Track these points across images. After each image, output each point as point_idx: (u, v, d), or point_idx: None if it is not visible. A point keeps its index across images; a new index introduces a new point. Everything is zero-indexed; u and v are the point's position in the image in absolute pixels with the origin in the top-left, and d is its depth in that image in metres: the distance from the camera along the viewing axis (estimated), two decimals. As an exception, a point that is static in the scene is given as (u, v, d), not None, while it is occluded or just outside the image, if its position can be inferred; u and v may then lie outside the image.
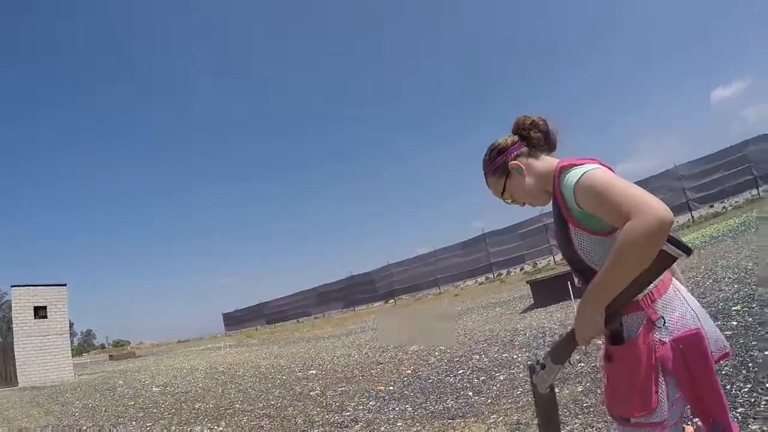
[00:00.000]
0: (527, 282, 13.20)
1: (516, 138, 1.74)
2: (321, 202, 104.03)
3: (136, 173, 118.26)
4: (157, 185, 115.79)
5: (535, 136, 1.71)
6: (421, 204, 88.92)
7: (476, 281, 30.57)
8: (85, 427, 7.69)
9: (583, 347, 1.51)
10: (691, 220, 21.79)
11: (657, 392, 1.39)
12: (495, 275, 29.69)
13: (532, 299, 12.63)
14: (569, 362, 1.59)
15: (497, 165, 1.74)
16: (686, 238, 15.26)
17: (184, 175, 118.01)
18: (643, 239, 1.23)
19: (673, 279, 1.55)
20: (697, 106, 71.06)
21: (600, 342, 1.62)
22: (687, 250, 1.31)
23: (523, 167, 1.69)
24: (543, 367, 1.58)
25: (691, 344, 1.40)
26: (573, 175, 1.46)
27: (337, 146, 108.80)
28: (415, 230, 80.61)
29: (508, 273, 29.26)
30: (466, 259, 31.71)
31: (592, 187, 1.38)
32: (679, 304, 1.47)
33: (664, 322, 1.42)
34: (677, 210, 22.97)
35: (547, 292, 12.01)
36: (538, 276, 16.54)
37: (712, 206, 22.44)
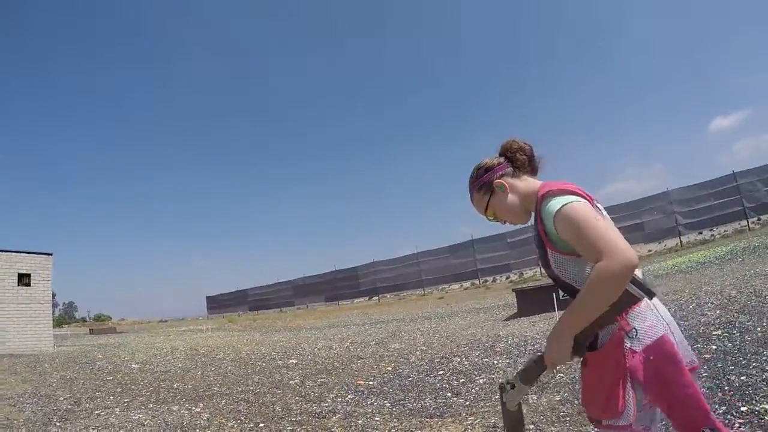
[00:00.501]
0: (513, 290, 13.30)
1: (502, 159, 1.86)
2: (310, 194, 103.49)
3: (136, 146, 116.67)
4: (154, 161, 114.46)
5: (520, 159, 1.83)
6: (410, 204, 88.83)
7: (461, 286, 30.73)
8: (62, 398, 7.70)
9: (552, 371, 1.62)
10: (680, 244, 22.03)
11: (624, 397, 1.47)
12: (481, 281, 29.84)
13: (516, 307, 12.73)
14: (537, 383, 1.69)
15: (483, 182, 1.86)
16: (672, 262, 15.46)
17: (179, 154, 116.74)
18: (611, 280, 1.38)
19: None
20: (695, 133, 71.39)
21: None
22: (649, 294, 1.50)
23: (507, 186, 1.80)
24: (513, 386, 1.67)
25: (660, 350, 1.48)
26: (554, 205, 1.56)
27: (337, 138, 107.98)
28: (401, 230, 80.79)
29: (494, 280, 29.42)
30: (452, 262, 31.85)
31: (570, 220, 1.50)
32: (651, 315, 1.55)
33: (636, 333, 1.50)
34: (666, 234, 23.23)
35: (531, 301, 12.12)
36: (524, 285, 16.66)
37: (701, 233, 22.72)
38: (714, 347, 5.21)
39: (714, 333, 5.82)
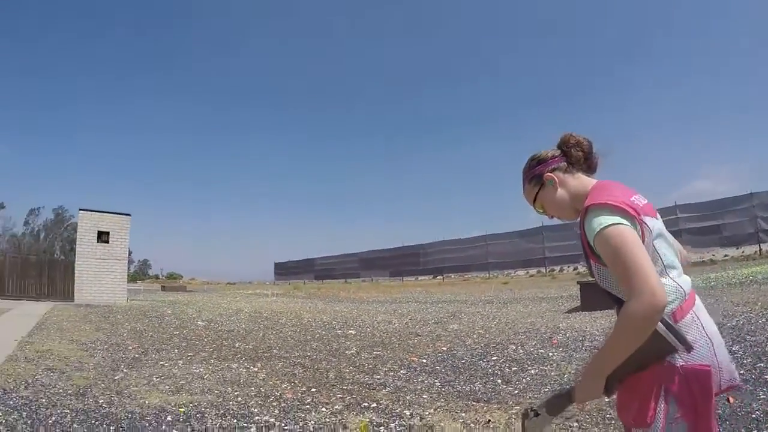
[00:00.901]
0: (578, 282, 12.99)
1: (558, 152, 1.81)
2: (387, 174, 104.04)
3: (228, 110, 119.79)
4: (240, 128, 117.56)
5: (575, 154, 1.78)
6: (485, 186, 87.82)
7: (527, 272, 30.31)
8: (130, 347, 8.18)
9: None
10: (759, 252, 20.73)
11: (654, 409, 1.46)
12: (547, 270, 29.33)
13: (579, 300, 12.46)
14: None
15: (534, 174, 1.82)
16: (749, 271, 14.64)
17: (262, 123, 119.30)
18: (639, 321, 1.35)
19: (695, 303, 1.59)
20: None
21: None
22: (687, 346, 1.45)
23: (557, 181, 1.77)
24: (536, 414, 1.64)
25: (698, 379, 1.45)
26: (597, 223, 1.51)
27: (429, 117, 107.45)
28: (472, 212, 79.98)
29: (561, 270, 28.88)
30: (521, 248, 31.42)
31: (608, 247, 1.47)
32: (696, 331, 1.51)
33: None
34: (746, 239, 21.91)
35: (595, 296, 11.77)
36: (590, 279, 16.19)
37: (785, 240, 21.30)
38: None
39: (784, 350, 5.51)
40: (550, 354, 6.87)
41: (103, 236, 19.34)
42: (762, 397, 4.07)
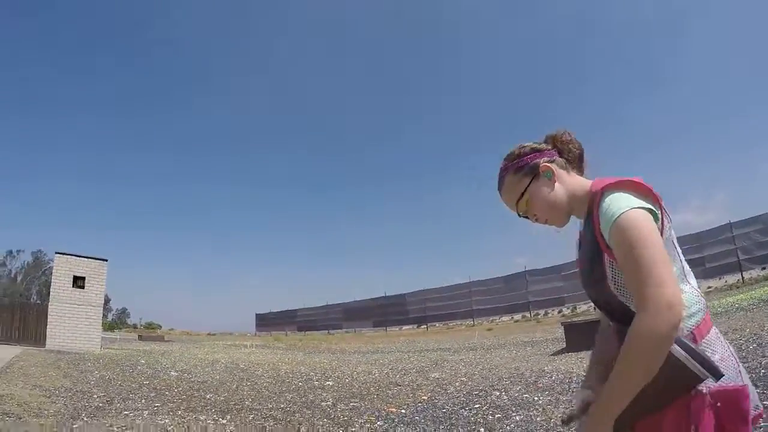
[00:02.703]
0: (561, 324, 12.73)
1: (550, 146, 1.54)
2: (366, 219, 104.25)
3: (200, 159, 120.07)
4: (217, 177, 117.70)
5: (572, 151, 1.52)
6: (466, 233, 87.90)
7: (512, 318, 29.98)
8: (96, 395, 7.76)
9: None
10: (741, 280, 20.76)
11: None
12: (532, 314, 29.04)
13: (564, 342, 12.19)
14: None
15: (526, 162, 1.50)
16: (733, 299, 14.54)
17: (234, 174, 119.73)
18: (653, 341, 1.10)
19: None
20: (759, 163, 68.23)
21: None
22: (716, 373, 1.15)
23: (555, 174, 1.47)
24: None
25: (732, 403, 1.17)
26: (616, 206, 1.24)
27: (395, 164, 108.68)
28: (454, 259, 79.75)
29: (546, 314, 28.56)
30: (504, 294, 31.17)
31: (624, 239, 1.20)
32: (721, 347, 1.26)
33: None
34: (728, 269, 21.96)
35: (580, 336, 11.52)
36: (573, 320, 15.99)
37: (764, 268, 21.18)
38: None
39: (778, 378, 5.28)
40: (536, 398, 6.56)
41: (78, 281, 18.89)
42: (761, 426, 3.81)
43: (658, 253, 1.16)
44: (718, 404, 1.16)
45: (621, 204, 1.23)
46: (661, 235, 1.23)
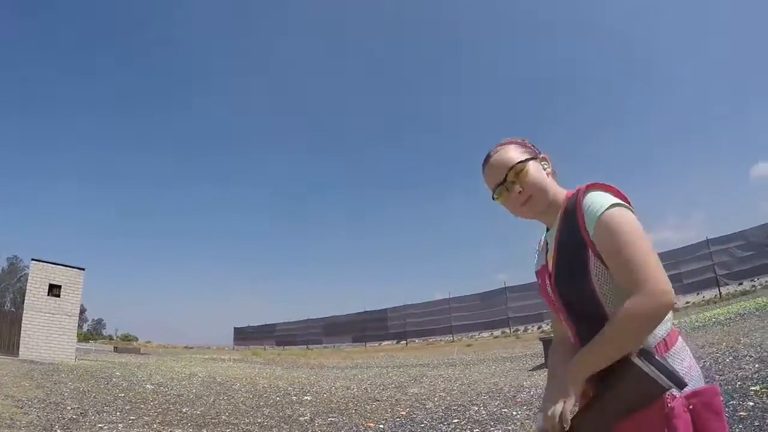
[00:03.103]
0: (540, 339, 12.79)
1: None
2: (348, 232, 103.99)
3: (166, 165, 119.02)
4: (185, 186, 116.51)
5: (551, 166, 1.55)
6: (446, 249, 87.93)
7: (492, 334, 30.00)
8: (69, 407, 7.61)
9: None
10: (719, 295, 21.03)
11: None
12: (511, 330, 29.10)
13: (543, 358, 12.24)
14: None
15: (528, 146, 1.53)
16: (710, 313, 14.72)
17: (218, 180, 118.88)
18: (644, 319, 1.19)
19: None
20: (735, 180, 69.64)
21: None
22: (681, 384, 1.20)
23: (549, 168, 1.52)
24: None
25: (706, 401, 1.22)
26: (599, 203, 1.30)
27: (378, 178, 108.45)
28: (434, 274, 79.70)
29: (525, 330, 28.64)
30: (484, 310, 31.21)
31: (614, 230, 1.25)
32: (687, 356, 1.32)
33: None
34: (705, 284, 22.26)
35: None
36: (552, 335, 16.02)
37: (741, 283, 21.51)
38: (751, 404, 4.79)
39: (752, 388, 5.34)
40: (514, 413, 6.58)
41: (54, 289, 18.44)
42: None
43: (649, 244, 1.24)
44: (691, 406, 1.21)
45: (604, 201, 1.30)
46: None
